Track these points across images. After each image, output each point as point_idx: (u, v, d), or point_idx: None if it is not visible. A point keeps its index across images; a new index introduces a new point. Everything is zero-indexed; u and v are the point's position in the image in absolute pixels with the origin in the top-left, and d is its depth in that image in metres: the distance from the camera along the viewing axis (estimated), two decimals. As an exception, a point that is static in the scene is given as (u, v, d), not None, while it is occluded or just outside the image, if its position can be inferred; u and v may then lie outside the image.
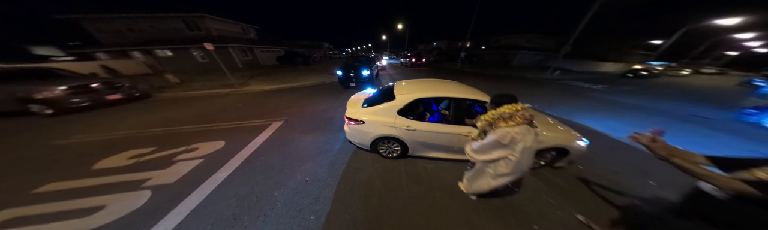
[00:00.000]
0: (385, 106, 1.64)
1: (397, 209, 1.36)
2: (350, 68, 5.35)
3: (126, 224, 1.26)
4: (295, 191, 1.53)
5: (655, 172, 1.88)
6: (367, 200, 1.43)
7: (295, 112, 3.49)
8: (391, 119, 1.61)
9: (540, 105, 4.45)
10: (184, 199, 1.46)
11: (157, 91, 5.19)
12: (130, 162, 1.95)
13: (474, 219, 1.30)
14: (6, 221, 1.30)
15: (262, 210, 1.35)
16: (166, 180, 1.67)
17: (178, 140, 2.40)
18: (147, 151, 2.15)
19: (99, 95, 3.84)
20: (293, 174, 1.74)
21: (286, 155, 2.05)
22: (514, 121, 0.94)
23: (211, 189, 1.55)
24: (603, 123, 3.32)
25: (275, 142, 2.35)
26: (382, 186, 1.56)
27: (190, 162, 1.91)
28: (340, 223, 1.25)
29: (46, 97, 3.33)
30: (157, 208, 1.37)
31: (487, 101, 1.49)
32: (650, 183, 1.75)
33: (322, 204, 1.40)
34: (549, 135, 1.59)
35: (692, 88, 8.37)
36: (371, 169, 1.79)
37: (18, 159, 2.05)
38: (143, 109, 3.89)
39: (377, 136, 1.69)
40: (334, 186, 1.57)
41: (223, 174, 1.73)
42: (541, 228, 1.25)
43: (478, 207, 1.39)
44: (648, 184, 1.75)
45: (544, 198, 1.51)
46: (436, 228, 1.22)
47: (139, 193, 1.52)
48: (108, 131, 2.75)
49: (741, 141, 2.83)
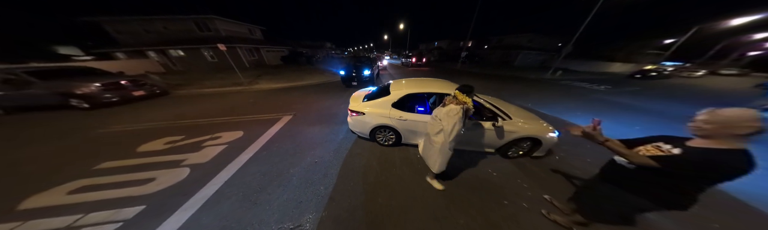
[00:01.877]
0: (382, 99, 1.94)
1: (390, 184, 1.66)
2: (352, 68, 5.66)
3: (177, 189, 1.60)
4: (307, 169, 1.85)
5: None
6: (366, 176, 1.74)
7: (302, 108, 3.82)
8: (387, 111, 1.91)
9: (534, 104, 4.66)
10: (217, 174, 1.79)
11: (173, 88, 5.62)
12: (167, 147, 2.31)
13: (454, 191, 1.60)
14: (80, 187, 1.66)
15: (281, 183, 1.67)
16: (199, 160, 2.01)
17: (202, 130, 2.75)
18: (178, 139, 2.50)
19: (126, 91, 4.27)
20: (304, 157, 2.06)
21: (297, 143, 2.38)
22: (458, 103, 1.25)
23: (238, 167, 1.89)
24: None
25: (287, 132, 2.68)
26: (378, 167, 1.87)
27: (216, 148, 2.26)
28: (344, 193, 1.56)
29: (84, 92, 3.75)
30: (198, 180, 1.71)
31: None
32: None
33: (329, 179, 1.72)
34: (524, 127, 1.82)
35: (702, 89, 7.89)
36: (370, 154, 2.10)
37: (72, 145, 2.43)
38: (165, 104, 4.29)
39: (375, 125, 2.00)
40: (338, 166, 1.89)
41: (245, 157, 2.07)
42: (510, 203, 1.51)
43: (459, 185, 1.68)
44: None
45: (518, 181, 1.75)
46: (422, 198, 1.52)
47: (181, 170, 1.87)
48: (139, 122, 3.14)
49: None
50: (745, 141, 0.69)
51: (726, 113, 0.70)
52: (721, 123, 0.70)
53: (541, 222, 1.33)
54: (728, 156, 0.69)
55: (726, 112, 0.71)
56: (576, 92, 6.35)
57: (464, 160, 2.02)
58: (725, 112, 0.71)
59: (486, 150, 2.04)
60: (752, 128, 0.66)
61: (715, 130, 0.72)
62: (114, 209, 1.42)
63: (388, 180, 1.71)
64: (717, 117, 0.71)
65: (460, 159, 2.03)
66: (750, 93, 7.36)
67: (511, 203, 1.50)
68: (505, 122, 1.79)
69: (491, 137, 1.86)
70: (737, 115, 0.68)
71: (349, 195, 1.53)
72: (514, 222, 1.33)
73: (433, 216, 1.35)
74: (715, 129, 0.72)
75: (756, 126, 0.66)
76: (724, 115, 0.70)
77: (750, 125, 0.66)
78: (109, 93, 4.00)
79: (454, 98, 1.26)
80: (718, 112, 0.72)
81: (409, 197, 1.52)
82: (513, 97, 5.22)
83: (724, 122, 0.70)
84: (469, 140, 1.94)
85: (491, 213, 1.40)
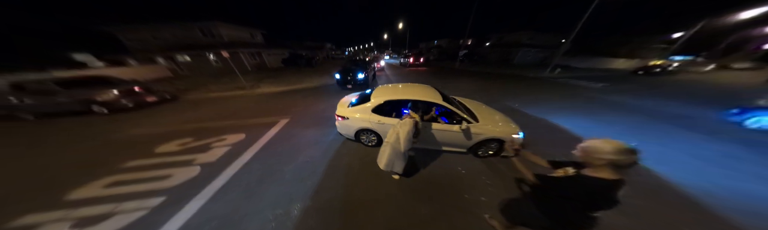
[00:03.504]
0: (363, 106, 2.21)
1: (367, 180, 1.94)
2: (347, 71, 5.93)
3: (191, 184, 1.92)
4: (299, 167, 2.15)
5: None
6: (347, 174, 2.03)
7: (299, 111, 4.13)
8: (368, 116, 2.18)
9: (522, 104, 4.77)
10: (223, 171, 2.11)
11: (182, 93, 6.03)
12: (180, 148, 2.65)
13: (422, 186, 1.85)
14: (112, 182, 2.00)
15: (276, 178, 1.98)
16: (208, 159, 2.34)
17: (209, 133, 3.09)
18: (189, 141, 2.84)
19: (140, 97, 4.67)
20: (297, 156, 2.36)
21: (292, 144, 2.68)
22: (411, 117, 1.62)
23: (241, 165, 2.20)
24: (575, 122, 3.48)
25: (284, 135, 2.99)
26: (359, 166, 2.15)
27: (222, 148, 2.58)
28: (327, 187, 1.85)
29: (103, 99, 4.17)
30: (207, 176, 2.03)
31: (437, 102, 2.03)
32: None
33: (316, 175, 2.01)
34: (489, 129, 2.04)
35: (708, 85, 7.54)
36: (354, 154, 2.38)
37: (98, 146, 2.81)
38: (175, 108, 4.67)
39: (358, 129, 2.28)
40: (326, 165, 2.18)
41: (247, 156, 2.38)
42: (471, 197, 1.73)
43: (428, 180, 1.93)
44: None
45: (483, 178, 1.96)
46: (392, 192, 1.78)
47: (193, 167, 2.19)
48: (154, 126, 3.51)
49: (706, 140, 2.85)
50: (620, 171, 0.71)
51: (589, 143, 0.74)
52: (585, 153, 0.75)
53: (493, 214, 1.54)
54: (591, 182, 0.73)
55: (590, 143, 0.74)
56: (570, 91, 6.29)
57: (439, 159, 2.27)
58: (589, 142, 0.75)
59: (458, 150, 2.29)
60: (606, 160, 0.68)
61: (584, 159, 0.76)
62: (141, 199, 1.75)
63: (366, 176, 1.98)
64: (584, 147, 0.76)
65: (435, 158, 2.29)
66: (761, 88, 6.91)
67: (472, 197, 1.73)
68: (472, 125, 2.03)
69: (460, 139, 2.10)
70: (596, 146, 0.71)
71: (331, 189, 1.82)
72: (470, 213, 1.57)
73: (398, 207, 1.62)
74: (583, 157, 0.77)
75: (610, 158, 0.68)
76: (587, 146, 0.75)
77: (604, 157, 0.69)
78: (126, 99, 4.41)
79: (409, 115, 1.64)
80: (587, 142, 0.76)
81: (381, 191, 1.79)
82: (503, 97, 5.32)
83: (586, 152, 0.74)
84: (441, 141, 2.19)
85: (450, 205, 1.64)
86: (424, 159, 2.26)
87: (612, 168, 0.71)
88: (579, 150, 0.79)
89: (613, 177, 0.72)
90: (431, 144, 2.25)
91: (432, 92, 2.29)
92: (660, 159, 2.33)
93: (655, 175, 2.07)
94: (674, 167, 2.21)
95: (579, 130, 3.17)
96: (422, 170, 2.08)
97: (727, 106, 4.02)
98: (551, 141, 2.77)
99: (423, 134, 2.09)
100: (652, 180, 2.01)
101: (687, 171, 2.14)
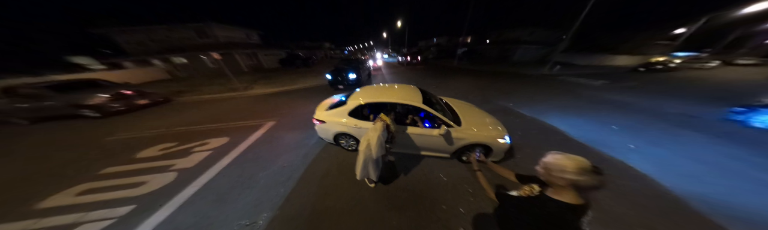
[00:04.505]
0: (339, 109, 2.12)
1: (343, 185, 1.86)
2: (339, 71, 5.83)
3: (163, 191, 1.88)
4: (275, 173, 2.08)
5: None
6: (323, 180, 1.95)
7: (286, 113, 4.07)
8: (344, 119, 2.09)
9: (516, 104, 4.63)
10: (198, 178, 2.06)
11: (175, 95, 6.03)
12: (161, 153, 2.62)
13: (398, 194, 1.77)
14: (86, 190, 1.97)
15: (250, 185, 1.92)
16: (186, 165, 2.29)
17: (194, 137, 3.05)
18: (172, 145, 2.81)
19: (131, 100, 4.67)
20: (276, 161, 2.30)
21: (273, 148, 2.62)
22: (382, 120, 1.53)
23: (218, 171, 2.15)
24: (570, 122, 3.35)
25: (267, 138, 2.93)
26: (336, 171, 2.07)
27: (203, 153, 2.53)
28: (300, 194, 1.78)
29: (93, 103, 4.17)
30: (181, 183, 1.99)
31: (414, 105, 1.92)
32: None
33: (291, 181, 1.94)
34: (473, 133, 1.91)
35: (711, 82, 7.29)
36: (334, 159, 2.30)
37: (80, 151, 2.79)
38: (166, 111, 4.66)
39: (335, 133, 2.19)
40: (302, 170, 2.11)
41: (226, 161, 2.33)
42: (448, 207, 1.58)
43: (405, 188, 1.83)
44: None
45: (464, 186, 1.82)
46: (365, 201, 1.69)
47: (169, 174, 2.15)
48: (142, 130, 3.49)
49: (708, 141, 2.71)
50: (583, 195, 0.61)
51: (550, 159, 0.64)
52: (546, 170, 0.64)
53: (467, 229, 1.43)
54: (551, 205, 0.61)
55: (551, 158, 0.64)
56: (568, 89, 6.13)
57: (420, 164, 2.17)
58: (551, 158, 0.64)
59: (441, 155, 2.17)
60: (567, 180, 0.59)
61: (545, 177, 0.66)
62: (110, 208, 1.71)
63: (341, 183, 1.90)
64: (545, 163, 0.65)
65: (417, 163, 2.20)
66: (766, 85, 6.74)
67: (449, 208, 1.60)
68: (453, 129, 1.92)
69: (441, 144, 1.99)
70: (557, 163, 0.61)
71: (303, 196, 1.75)
72: (443, 226, 1.45)
73: (368, 218, 1.52)
74: (543, 175, 0.66)
75: (571, 179, 0.58)
76: (548, 161, 0.64)
77: (565, 177, 0.59)
78: (116, 102, 4.41)
79: (380, 118, 1.55)
80: (548, 157, 0.65)
81: (355, 199, 1.70)
82: (497, 97, 5.20)
83: (546, 169, 0.64)
84: (421, 146, 2.09)
85: (425, 217, 1.52)
86: (405, 164, 2.17)
87: (575, 189, 0.60)
88: (540, 166, 0.67)
89: (577, 202, 0.60)
90: (411, 149, 2.16)
91: (413, 93, 2.16)
92: (658, 164, 2.20)
93: (652, 182, 1.93)
94: (673, 172, 2.06)
95: (573, 131, 3.03)
96: (402, 176, 1.99)
97: (731, 104, 3.85)
98: (542, 144, 2.66)
99: (400, 138, 2.01)
100: (647, 187, 1.86)
101: (687, 178, 1.99)
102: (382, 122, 1.52)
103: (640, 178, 1.98)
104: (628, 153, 2.42)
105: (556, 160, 0.62)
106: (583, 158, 0.61)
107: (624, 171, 2.09)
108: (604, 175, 0.59)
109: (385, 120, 1.54)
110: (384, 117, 1.58)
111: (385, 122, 1.53)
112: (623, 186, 1.83)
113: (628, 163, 2.21)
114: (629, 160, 2.26)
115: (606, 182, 0.58)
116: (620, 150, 2.51)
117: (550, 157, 0.65)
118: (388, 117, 1.60)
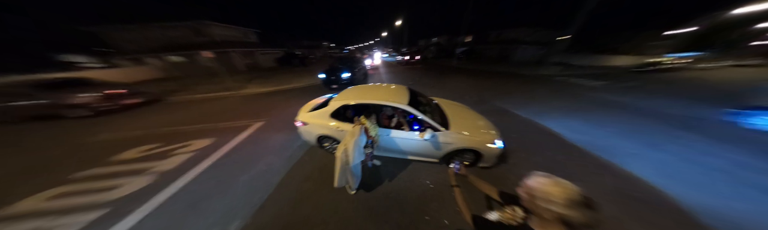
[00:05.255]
0: (321, 110, 2.02)
1: (322, 192, 1.76)
2: (333, 70, 5.72)
3: (135, 196, 1.80)
4: (254, 177, 2.00)
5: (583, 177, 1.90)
6: (303, 185, 1.86)
7: (276, 114, 3.98)
8: (326, 121, 2.00)
9: (514, 105, 4.52)
10: (175, 181, 1.98)
11: (168, 94, 5.94)
12: (141, 155, 2.53)
13: (380, 203, 1.66)
14: (58, 194, 1.89)
15: (226, 189, 1.83)
16: (164, 168, 2.21)
17: (178, 138, 2.96)
18: (154, 146, 2.72)
19: (121, 100, 4.58)
20: (257, 164, 2.21)
21: (256, 149, 2.53)
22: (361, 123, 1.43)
23: (195, 175, 2.07)
24: (567, 124, 3.26)
25: (253, 140, 2.84)
26: (318, 176, 1.98)
27: (183, 156, 2.45)
28: (276, 201, 1.69)
29: (81, 102, 4.08)
30: (156, 187, 1.90)
31: (398, 106, 1.83)
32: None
33: (269, 187, 1.86)
34: (462, 138, 1.80)
35: (712, 83, 7.24)
36: (317, 162, 2.22)
37: (61, 152, 2.71)
38: (155, 111, 4.57)
39: (318, 135, 2.10)
40: (283, 174, 2.02)
41: (206, 164, 2.24)
42: (432, 219, 1.46)
43: (388, 196, 1.71)
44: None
45: (452, 195, 1.63)
46: (344, 210, 1.59)
47: (145, 177, 2.06)
48: (126, 130, 3.40)
49: (711, 144, 2.63)
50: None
51: (534, 182, 0.52)
52: (529, 196, 0.52)
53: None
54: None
55: (536, 181, 0.52)
56: (566, 89, 6.04)
57: (407, 170, 2.08)
58: (535, 181, 0.52)
59: (428, 159, 2.07)
60: (554, 213, 0.47)
61: (527, 204, 0.54)
62: (79, 213, 1.62)
63: (321, 189, 1.81)
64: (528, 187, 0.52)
65: (403, 168, 2.10)
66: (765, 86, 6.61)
67: (433, 219, 1.47)
68: (441, 133, 1.82)
69: (428, 148, 1.89)
70: (542, 189, 0.49)
71: (279, 203, 1.66)
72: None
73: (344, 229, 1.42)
74: (526, 202, 0.54)
75: (558, 212, 0.46)
76: (531, 185, 0.52)
77: (551, 208, 0.47)
78: (105, 102, 4.31)
79: (359, 121, 1.44)
80: (533, 178, 0.53)
81: (333, 208, 1.60)
82: (494, 97, 5.09)
83: (530, 195, 0.52)
84: (406, 150, 1.99)
85: (405, 229, 1.41)
86: (391, 168, 2.08)
87: (563, 225, 0.48)
88: (522, 189, 0.55)
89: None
90: (397, 153, 2.06)
91: (399, 94, 2.05)
92: (660, 169, 2.09)
93: (655, 190, 1.79)
94: (676, 179, 1.94)
95: (570, 134, 2.92)
96: (386, 182, 1.89)
97: (733, 105, 3.79)
98: (538, 147, 2.55)
99: (386, 142, 1.91)
100: (651, 196, 1.73)
101: (691, 185, 1.87)
102: (360, 126, 1.42)
103: (642, 188, 1.84)
104: (628, 158, 2.31)
105: (541, 185, 0.51)
106: (573, 186, 0.49)
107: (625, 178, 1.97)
108: (598, 211, 0.47)
109: (363, 124, 1.44)
110: (363, 120, 1.49)
111: (363, 126, 1.43)
112: (622, 195, 1.73)
113: (627, 169, 2.10)
114: (627, 165, 2.16)
115: (601, 221, 0.46)
116: (620, 154, 2.39)
117: (533, 181, 0.53)
118: (368, 120, 1.51)
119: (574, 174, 2.02)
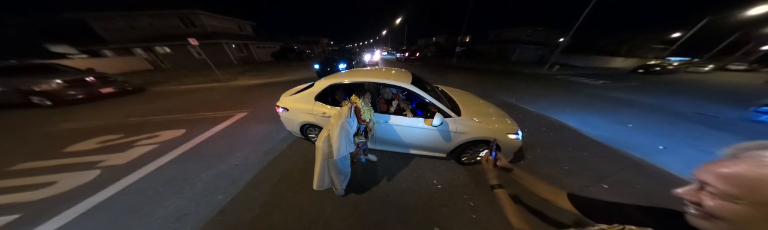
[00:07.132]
0: (305, 92, 1.66)
1: (301, 196, 1.41)
2: (329, 61, 5.34)
3: (68, 195, 1.44)
4: (218, 174, 1.64)
5: (615, 175, 1.65)
6: (278, 185, 1.51)
7: (263, 104, 3.60)
8: (310, 106, 1.64)
9: (519, 99, 4.25)
10: (124, 178, 1.62)
11: (151, 85, 5.51)
12: (97, 146, 2.16)
13: (373, 210, 1.33)
14: (-22, 192, 1.52)
15: (181, 189, 1.48)
16: (117, 161, 1.85)
17: (146, 128, 2.59)
18: (115, 137, 2.35)
19: (93, 88, 4.15)
20: (228, 159, 1.85)
21: (231, 142, 2.17)
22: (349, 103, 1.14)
23: (150, 171, 1.71)
24: (582, 119, 3.05)
25: (230, 131, 2.48)
26: (299, 174, 1.64)
27: (144, 148, 2.08)
28: (241, 204, 1.34)
29: (44, 89, 3.65)
30: (98, 184, 1.54)
31: (402, 86, 1.48)
32: (603, 187, 1.52)
33: (236, 186, 1.51)
34: (477, 126, 1.46)
35: (708, 85, 7.43)
36: (301, 157, 1.87)
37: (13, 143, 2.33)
38: (132, 101, 4.17)
39: (301, 123, 1.74)
40: (256, 171, 1.67)
41: (167, 158, 1.88)
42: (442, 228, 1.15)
43: (386, 200, 1.38)
44: (599, 187, 1.51)
45: (464, 198, 1.37)
46: (327, 218, 1.26)
47: (90, 172, 1.70)
48: (91, 120, 3.01)
49: (732, 137, 2.56)
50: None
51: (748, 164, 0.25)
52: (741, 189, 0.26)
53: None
54: None
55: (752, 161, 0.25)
56: (570, 87, 5.89)
57: (408, 167, 1.73)
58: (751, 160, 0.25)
59: (435, 154, 1.72)
60: None
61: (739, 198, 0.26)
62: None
63: (301, 190, 1.47)
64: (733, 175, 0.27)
65: (404, 164, 1.76)
66: (762, 88, 6.80)
67: (444, 228, 1.15)
68: (451, 120, 1.48)
69: (435, 139, 1.54)
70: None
71: (244, 207, 1.32)
72: None
73: None
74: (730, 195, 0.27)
75: None
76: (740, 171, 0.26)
77: None
78: (73, 90, 3.89)
79: (349, 100, 1.10)
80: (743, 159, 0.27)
81: (311, 216, 1.25)
82: (498, 92, 4.84)
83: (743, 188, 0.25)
84: (409, 143, 1.65)
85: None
86: (388, 165, 1.74)
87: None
88: (720, 179, 0.28)
89: None
90: (396, 146, 1.71)
91: (401, 75, 1.70)
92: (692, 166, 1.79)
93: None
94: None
95: (588, 129, 2.65)
96: (383, 182, 1.54)
97: (746, 104, 3.82)
98: (556, 142, 2.24)
99: (382, 132, 1.56)
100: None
101: None
102: (350, 105, 1.07)
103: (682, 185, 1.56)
104: (658, 155, 2.02)
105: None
106: None
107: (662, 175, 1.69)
108: None
109: (354, 103, 1.09)
110: (355, 99, 1.13)
111: (354, 104, 1.08)
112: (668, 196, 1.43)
113: (663, 167, 1.80)
114: (662, 163, 1.86)
115: None
116: (648, 151, 2.12)
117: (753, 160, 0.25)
118: (361, 100, 1.14)
119: (609, 172, 1.71)
